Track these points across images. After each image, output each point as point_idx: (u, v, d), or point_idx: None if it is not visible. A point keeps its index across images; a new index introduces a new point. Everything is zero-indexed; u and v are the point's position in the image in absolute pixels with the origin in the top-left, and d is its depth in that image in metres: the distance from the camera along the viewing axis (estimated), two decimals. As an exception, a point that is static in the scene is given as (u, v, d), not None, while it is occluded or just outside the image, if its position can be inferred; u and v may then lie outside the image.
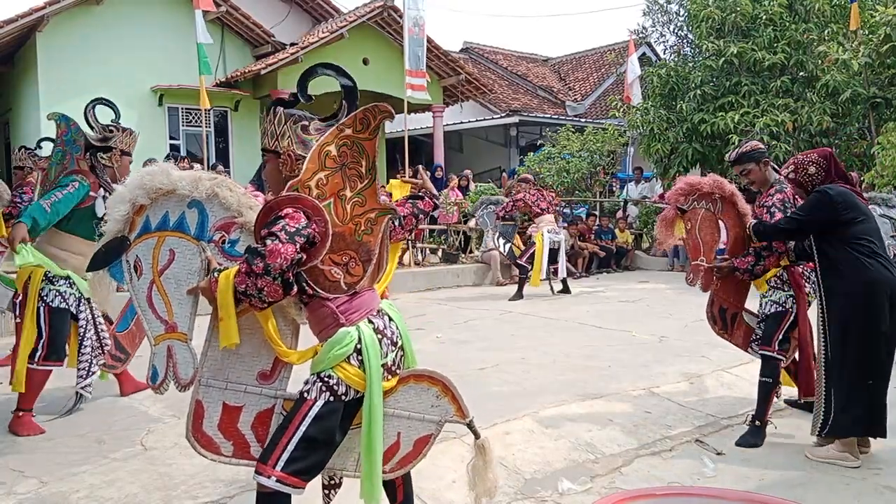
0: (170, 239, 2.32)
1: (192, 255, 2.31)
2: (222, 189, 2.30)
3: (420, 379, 2.36)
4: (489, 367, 5.36)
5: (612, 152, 14.51)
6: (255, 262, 2.01)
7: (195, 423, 2.34)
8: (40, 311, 3.96)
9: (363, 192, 2.22)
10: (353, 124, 2.20)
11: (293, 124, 2.29)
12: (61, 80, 12.57)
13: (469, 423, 2.37)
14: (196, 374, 2.33)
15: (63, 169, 4.11)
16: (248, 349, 2.33)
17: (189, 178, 2.30)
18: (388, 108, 2.22)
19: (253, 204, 2.32)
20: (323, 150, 2.20)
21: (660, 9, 15.15)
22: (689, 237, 4.26)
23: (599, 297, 9.34)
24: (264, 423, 2.35)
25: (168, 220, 2.33)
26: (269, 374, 2.36)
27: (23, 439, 3.87)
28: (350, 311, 2.23)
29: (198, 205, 2.31)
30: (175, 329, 2.34)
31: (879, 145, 9.76)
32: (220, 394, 2.34)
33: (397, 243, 2.76)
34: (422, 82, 12.06)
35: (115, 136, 4.15)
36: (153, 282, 2.34)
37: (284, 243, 2.01)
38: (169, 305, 2.34)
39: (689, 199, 4.22)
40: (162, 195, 2.33)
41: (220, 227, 2.31)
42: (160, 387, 2.38)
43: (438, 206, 2.81)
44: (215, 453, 2.35)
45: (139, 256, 2.35)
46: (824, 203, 3.54)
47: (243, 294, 2.06)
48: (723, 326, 4.33)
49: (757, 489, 3.25)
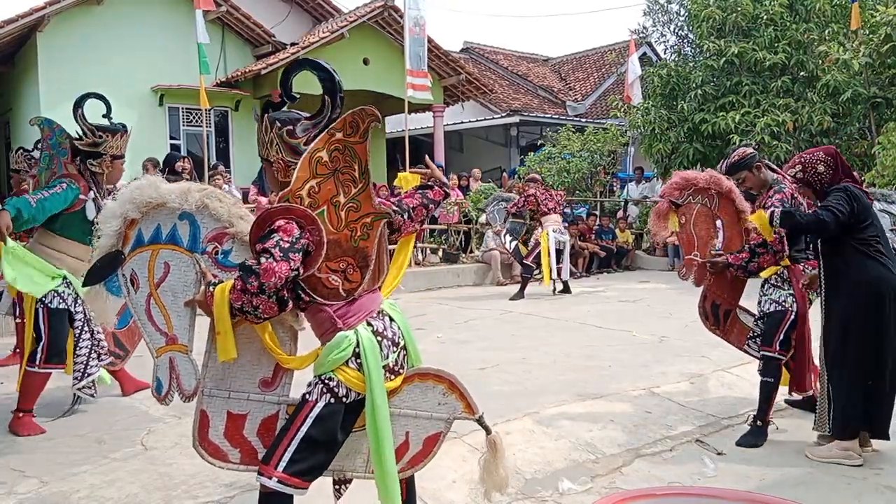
0: (163, 252, 2.32)
1: (187, 267, 2.30)
2: (212, 200, 2.29)
3: (425, 377, 2.36)
4: (490, 366, 5.36)
5: (612, 152, 14.52)
6: (250, 281, 2.01)
7: (201, 433, 2.35)
8: (39, 312, 3.93)
9: (357, 197, 2.20)
10: (342, 128, 2.18)
11: (279, 130, 2.27)
12: (61, 80, 12.56)
13: (479, 419, 2.36)
14: (199, 384, 2.34)
15: (52, 174, 4.07)
16: (249, 358, 2.34)
17: (178, 190, 2.29)
18: (375, 111, 2.19)
19: (244, 214, 2.31)
20: (314, 157, 2.17)
21: (660, 8, 15.15)
22: (683, 231, 4.27)
23: (600, 297, 9.35)
24: (270, 430, 2.35)
25: (161, 233, 2.32)
26: (270, 382, 2.37)
27: (23, 439, 3.87)
28: (348, 315, 2.22)
29: (189, 216, 2.30)
30: (176, 341, 2.34)
31: (880, 145, 9.75)
32: (223, 403, 2.35)
33: (409, 236, 2.68)
34: (424, 82, 12.06)
35: (104, 141, 4.02)
36: (151, 295, 2.33)
37: (279, 261, 2.01)
38: (168, 318, 2.33)
39: (684, 194, 4.22)
40: (152, 208, 2.31)
41: (213, 238, 2.30)
42: (165, 398, 2.38)
43: (449, 194, 2.77)
44: (224, 461, 2.36)
45: (135, 270, 2.34)
46: (852, 201, 3.47)
47: (239, 310, 2.07)
48: (715, 322, 4.33)
49: (757, 489, 3.25)
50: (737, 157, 4.00)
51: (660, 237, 4.41)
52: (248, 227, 2.21)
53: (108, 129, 4.05)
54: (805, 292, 4.00)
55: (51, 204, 3.82)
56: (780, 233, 3.81)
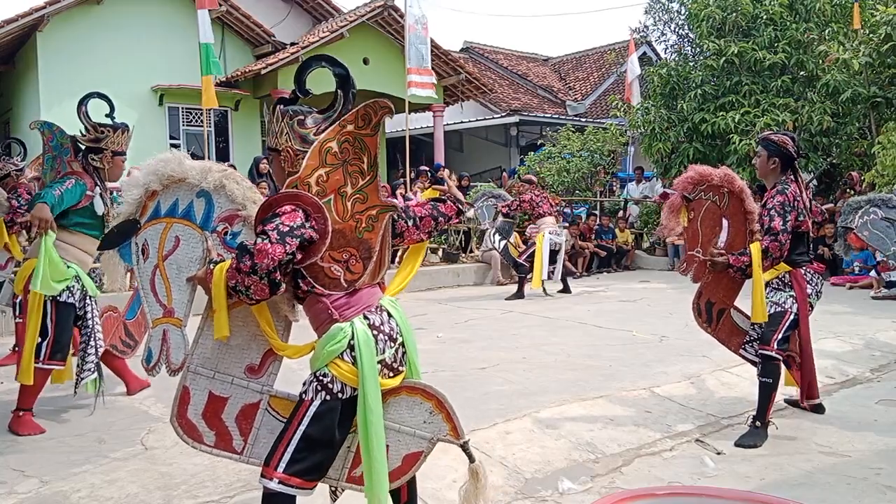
0: (177, 226, 2.39)
1: (196, 243, 2.37)
2: (230, 181, 2.36)
3: (414, 392, 2.32)
4: (490, 366, 5.36)
5: (612, 152, 14.52)
6: (244, 260, 2.03)
7: (180, 409, 2.37)
8: (47, 306, 3.93)
9: (364, 188, 2.22)
10: (354, 120, 2.20)
11: (290, 120, 2.30)
12: (61, 79, 12.57)
13: (463, 445, 2.30)
14: (186, 359, 2.36)
15: (57, 174, 4.12)
16: (238, 341, 2.36)
17: (200, 167, 2.38)
18: (388, 103, 2.22)
19: (257, 198, 2.37)
20: (324, 147, 2.19)
21: (661, 7, 15.15)
22: (690, 227, 4.26)
23: (600, 297, 9.35)
24: (248, 418, 2.37)
25: (177, 208, 2.41)
26: (256, 369, 2.38)
27: (23, 438, 3.87)
28: (345, 308, 2.22)
29: (206, 195, 2.38)
30: (172, 314, 2.39)
31: (880, 145, 9.75)
32: (207, 382, 2.37)
33: (419, 245, 2.65)
34: (428, 80, 12.06)
35: (106, 136, 4.10)
36: (157, 266, 2.41)
37: (274, 244, 2.03)
38: (169, 290, 2.39)
39: (697, 189, 4.21)
40: (174, 182, 2.40)
41: (225, 218, 2.37)
42: (153, 368, 2.44)
43: (463, 212, 2.75)
44: (197, 441, 2.38)
45: (147, 240, 2.43)
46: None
47: (233, 289, 2.10)
48: (707, 320, 4.32)
49: (757, 489, 3.24)
50: (775, 137, 4.01)
51: (671, 231, 4.39)
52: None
53: (109, 126, 4.13)
54: (807, 297, 4.00)
55: (68, 197, 3.89)
56: (779, 240, 3.81)
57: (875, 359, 5.65)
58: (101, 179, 4.11)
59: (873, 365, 5.49)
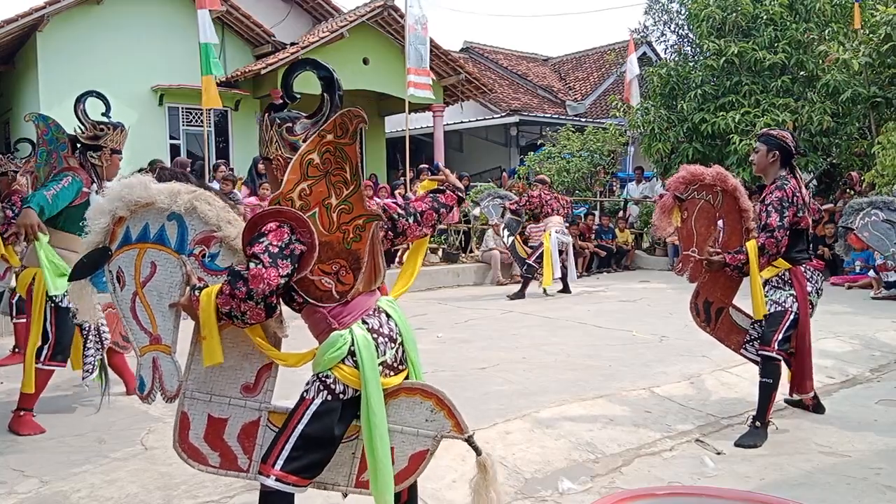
0: (151, 251, 2.31)
1: (174, 268, 2.29)
2: (201, 203, 2.27)
3: (412, 392, 2.31)
4: (490, 366, 5.36)
5: (612, 152, 14.53)
6: (238, 286, 2.02)
7: (181, 435, 2.35)
8: (47, 311, 3.93)
9: (349, 198, 2.19)
10: (333, 130, 2.17)
11: (278, 128, 2.27)
12: (61, 79, 12.56)
13: (468, 439, 2.30)
14: (181, 386, 2.33)
15: (52, 169, 4.08)
16: (231, 362, 2.33)
17: (167, 191, 2.28)
18: (362, 112, 2.18)
19: (232, 218, 2.30)
20: (305, 159, 2.16)
21: (661, 7, 15.16)
22: (684, 226, 4.26)
23: (600, 297, 9.35)
24: (250, 436, 2.36)
25: (148, 232, 2.31)
26: (252, 387, 2.36)
27: (23, 438, 3.87)
28: (342, 315, 2.22)
29: (177, 217, 2.29)
30: (160, 341, 2.33)
31: (880, 145, 9.75)
32: (204, 406, 2.35)
33: (421, 241, 2.66)
34: (426, 81, 12.05)
35: (105, 134, 4.09)
36: (136, 293, 2.33)
37: (268, 267, 2.01)
38: (153, 317, 2.33)
39: (690, 189, 4.21)
40: (141, 207, 2.30)
41: (200, 240, 2.29)
42: (147, 397, 2.38)
43: (463, 199, 2.74)
44: (203, 464, 2.36)
45: (121, 267, 2.33)
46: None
47: (227, 315, 2.08)
48: (705, 319, 4.33)
49: (757, 489, 3.24)
50: (775, 133, 4.01)
51: (664, 232, 4.39)
52: (236, 232, 2.22)
53: (108, 123, 4.12)
54: (807, 295, 3.99)
55: (62, 197, 3.85)
56: (776, 236, 3.81)
57: (875, 359, 5.65)
58: (98, 177, 4.09)
59: (873, 365, 5.49)
